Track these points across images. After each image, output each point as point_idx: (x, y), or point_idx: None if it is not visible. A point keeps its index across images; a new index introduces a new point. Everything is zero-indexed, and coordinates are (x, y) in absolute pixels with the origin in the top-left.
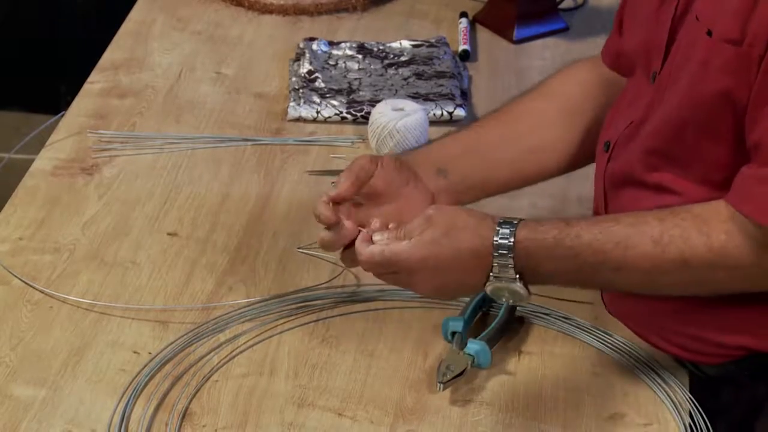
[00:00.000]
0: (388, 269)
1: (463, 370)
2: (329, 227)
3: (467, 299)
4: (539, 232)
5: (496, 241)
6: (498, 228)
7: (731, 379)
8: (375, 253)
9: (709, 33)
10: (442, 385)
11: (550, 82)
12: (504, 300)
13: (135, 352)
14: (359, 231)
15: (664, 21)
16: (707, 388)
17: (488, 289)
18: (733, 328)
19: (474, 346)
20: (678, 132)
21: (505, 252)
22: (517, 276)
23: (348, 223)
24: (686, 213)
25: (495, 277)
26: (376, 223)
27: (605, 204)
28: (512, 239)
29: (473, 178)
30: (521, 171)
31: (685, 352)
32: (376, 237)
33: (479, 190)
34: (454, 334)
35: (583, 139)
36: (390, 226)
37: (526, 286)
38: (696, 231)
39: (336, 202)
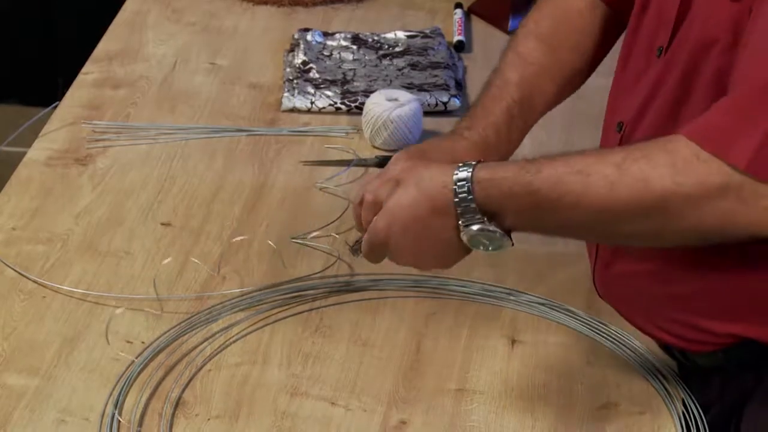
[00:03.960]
0: (373, 250)
1: None
2: None
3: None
4: (499, 171)
5: (455, 183)
6: (456, 171)
7: (719, 368)
8: (363, 244)
9: None
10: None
11: (540, 23)
12: (483, 249)
13: (128, 342)
14: None
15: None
16: (696, 378)
17: (464, 238)
18: (725, 315)
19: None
20: (683, 100)
21: (464, 194)
22: (485, 218)
23: None
24: (653, 140)
25: (464, 223)
26: None
27: None
28: (469, 178)
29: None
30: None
31: (675, 339)
32: None
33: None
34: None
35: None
36: None
37: (500, 227)
38: (660, 150)
39: None
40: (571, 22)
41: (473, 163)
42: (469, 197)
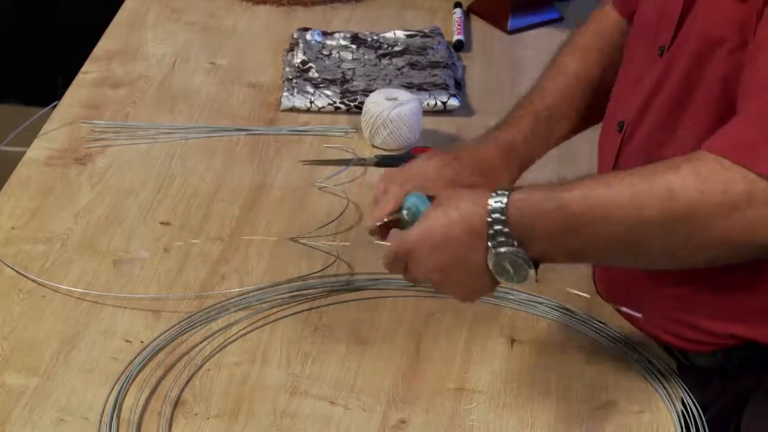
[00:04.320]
0: (397, 260)
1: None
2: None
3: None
4: (532, 191)
5: (490, 205)
6: (493, 193)
7: (719, 369)
8: (386, 251)
9: None
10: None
11: (579, 41)
12: (506, 278)
13: (127, 341)
14: None
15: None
16: (695, 378)
17: (490, 263)
18: (726, 316)
19: (411, 198)
20: (686, 103)
21: (498, 215)
22: (515, 243)
23: None
24: (681, 156)
25: (493, 246)
26: None
27: None
28: (506, 200)
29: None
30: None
31: (675, 339)
32: None
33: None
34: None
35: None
36: None
37: (527, 255)
38: (685, 162)
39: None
40: (608, 37)
41: (511, 189)
42: (503, 218)
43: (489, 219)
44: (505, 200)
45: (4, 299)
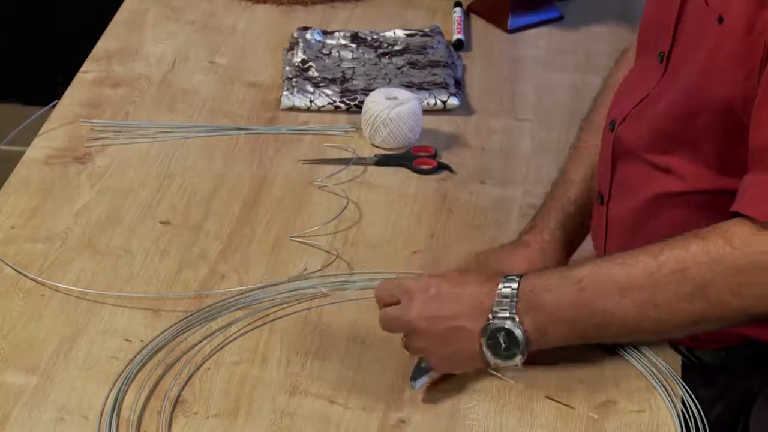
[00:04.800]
0: (391, 293)
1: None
2: None
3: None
4: (543, 271)
5: (501, 285)
6: (506, 276)
7: (726, 367)
8: (381, 284)
9: (720, 20)
10: (414, 384)
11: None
12: (495, 355)
13: (127, 340)
14: None
15: (671, 4)
16: (701, 375)
17: (484, 335)
18: None
19: None
20: (688, 118)
21: (509, 284)
22: (517, 316)
23: None
24: (687, 233)
25: (494, 315)
26: None
27: (611, 182)
28: (517, 281)
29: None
30: None
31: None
32: None
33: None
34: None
35: None
36: None
37: (524, 330)
38: (694, 239)
39: None
40: None
41: (520, 275)
42: (513, 289)
43: (500, 289)
44: (516, 283)
45: (4, 298)
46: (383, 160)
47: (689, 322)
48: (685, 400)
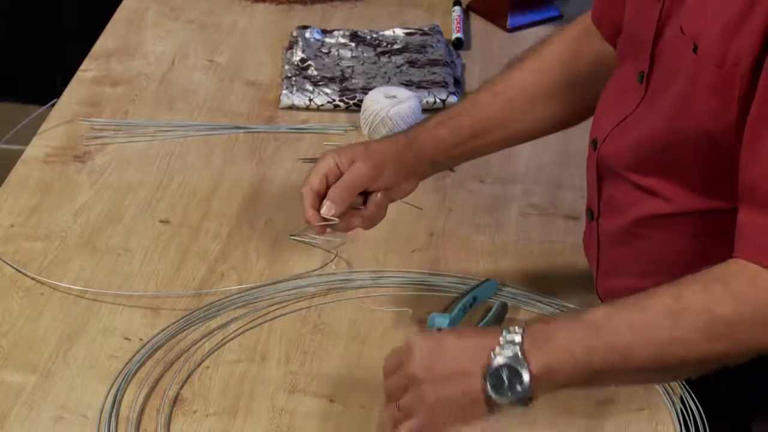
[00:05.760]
0: (394, 360)
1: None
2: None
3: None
4: (552, 318)
5: (505, 332)
6: (508, 327)
7: (730, 370)
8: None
9: (695, 49)
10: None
11: (543, 54)
12: (497, 394)
13: (126, 339)
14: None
15: (649, 20)
16: (707, 379)
17: (488, 373)
18: None
19: (439, 318)
20: (670, 146)
21: (513, 331)
22: (520, 352)
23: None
24: (701, 274)
25: (497, 352)
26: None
27: (598, 196)
28: (523, 325)
29: (464, 159)
30: (510, 145)
31: None
32: None
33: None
34: (439, 330)
35: (577, 108)
36: None
37: (529, 366)
38: (715, 281)
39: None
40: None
41: (520, 333)
42: (518, 332)
43: (502, 338)
44: (521, 329)
45: (3, 297)
46: None
47: (712, 362)
48: (684, 399)
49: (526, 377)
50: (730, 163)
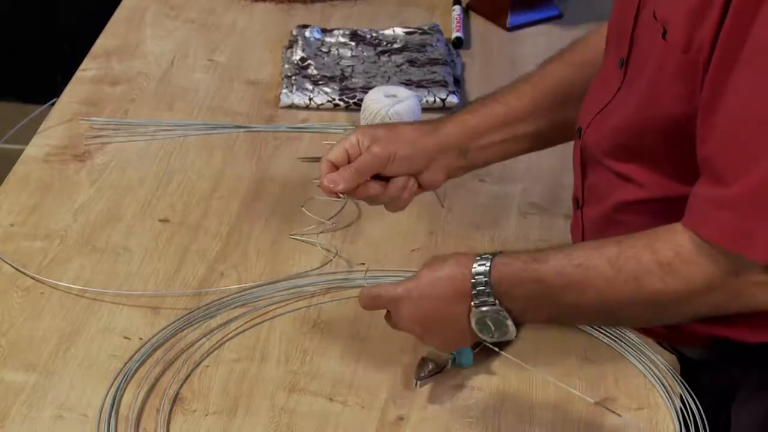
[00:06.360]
0: (378, 306)
1: (442, 368)
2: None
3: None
4: (511, 259)
5: (474, 268)
6: (477, 257)
7: (708, 362)
8: (363, 292)
9: (664, 35)
10: (418, 382)
11: (577, 47)
12: (490, 336)
13: (126, 338)
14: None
15: (630, 5)
16: (689, 372)
17: (472, 320)
18: (705, 320)
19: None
20: (641, 131)
21: (481, 277)
22: (497, 301)
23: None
24: (642, 234)
25: (476, 305)
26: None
27: (582, 187)
28: (489, 264)
29: (495, 154)
30: (542, 143)
31: (661, 337)
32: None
33: (497, 160)
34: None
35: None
36: None
37: (508, 314)
38: (648, 250)
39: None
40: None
41: (494, 253)
42: (486, 279)
43: (473, 280)
44: (488, 264)
45: (3, 296)
46: None
47: (643, 323)
48: (684, 397)
49: (508, 321)
50: (695, 151)
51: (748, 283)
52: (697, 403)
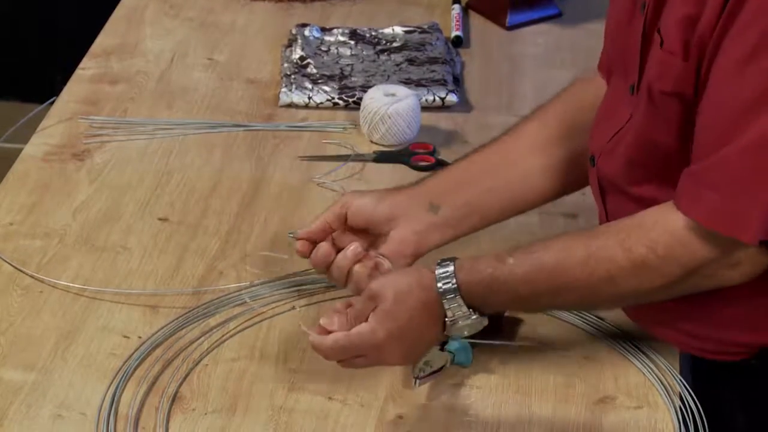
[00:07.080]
0: (355, 353)
1: (441, 367)
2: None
3: None
4: (475, 273)
5: (440, 288)
6: (437, 274)
7: (750, 368)
8: (339, 338)
9: (662, 44)
10: (417, 381)
11: (548, 106)
12: (466, 333)
13: (125, 337)
14: (336, 251)
15: (635, 33)
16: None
17: (449, 332)
18: (748, 325)
19: (454, 343)
20: (653, 146)
21: (452, 295)
22: (470, 310)
23: (325, 245)
24: (611, 229)
25: (451, 320)
26: (351, 245)
27: (605, 213)
28: (455, 281)
29: (466, 210)
30: (515, 198)
31: (700, 352)
32: (324, 323)
33: (474, 221)
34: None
35: (573, 165)
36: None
37: (480, 314)
38: (619, 248)
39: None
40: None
41: (450, 265)
42: (457, 296)
43: (444, 300)
44: (453, 280)
45: (2, 295)
46: (381, 157)
47: (616, 306)
48: (683, 396)
49: (480, 321)
50: None
51: (724, 265)
52: (696, 402)
